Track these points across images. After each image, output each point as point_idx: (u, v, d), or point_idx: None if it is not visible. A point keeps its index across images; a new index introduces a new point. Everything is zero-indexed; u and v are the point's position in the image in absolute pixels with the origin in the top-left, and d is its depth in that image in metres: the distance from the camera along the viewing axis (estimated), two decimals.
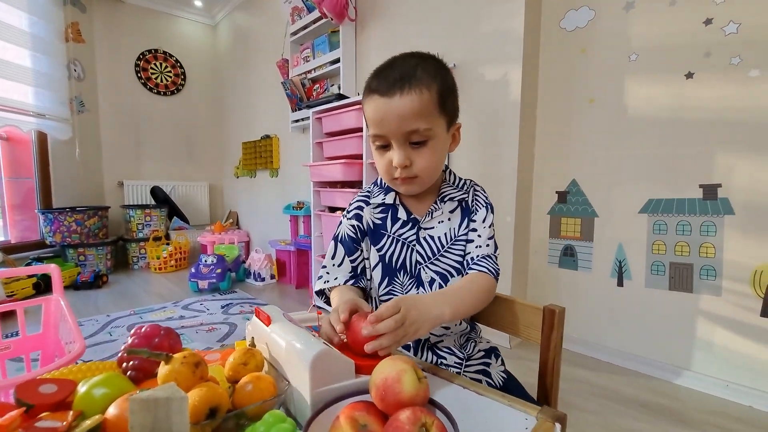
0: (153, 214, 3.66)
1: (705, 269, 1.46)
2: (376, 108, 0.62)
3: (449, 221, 0.70)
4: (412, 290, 0.69)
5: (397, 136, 0.62)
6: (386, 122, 0.61)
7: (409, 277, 0.69)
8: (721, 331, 1.44)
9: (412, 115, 0.60)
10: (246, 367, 0.48)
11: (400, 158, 0.62)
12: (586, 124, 1.74)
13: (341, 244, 0.73)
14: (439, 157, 0.65)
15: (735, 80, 1.37)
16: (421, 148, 0.63)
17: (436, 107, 0.62)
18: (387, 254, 0.70)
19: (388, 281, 0.70)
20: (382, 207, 0.72)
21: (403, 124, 0.60)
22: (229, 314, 2.31)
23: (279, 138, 3.39)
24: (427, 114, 0.61)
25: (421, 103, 0.60)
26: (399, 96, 0.59)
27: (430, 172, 0.65)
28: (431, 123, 0.61)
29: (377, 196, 0.73)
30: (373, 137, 0.66)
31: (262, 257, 3.07)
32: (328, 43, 2.62)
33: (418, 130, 0.60)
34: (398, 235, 0.70)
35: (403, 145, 0.62)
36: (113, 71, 3.87)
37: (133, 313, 2.34)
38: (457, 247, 0.69)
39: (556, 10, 1.80)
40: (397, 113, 0.60)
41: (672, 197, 1.52)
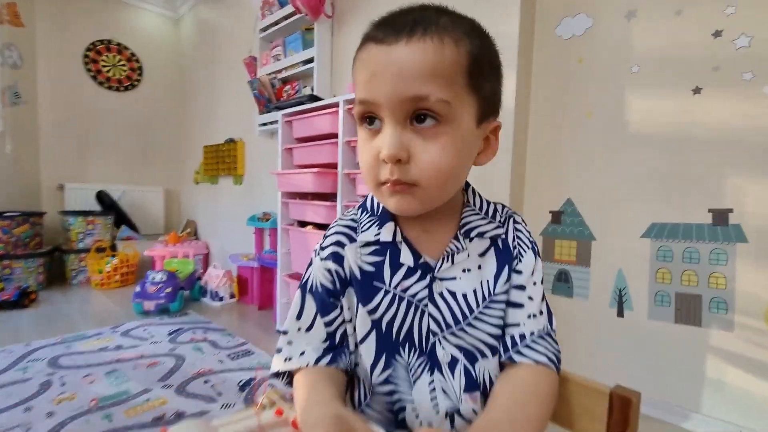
0: (97, 221, 3.26)
1: (715, 301, 1.34)
2: (368, 60, 0.41)
3: (479, 270, 0.47)
4: (424, 376, 0.46)
5: (392, 104, 0.39)
6: (379, 79, 0.39)
7: (417, 355, 0.46)
8: (733, 370, 1.31)
9: (422, 72, 0.38)
10: None
11: (391, 145, 0.39)
12: (582, 139, 1.61)
13: (312, 296, 0.49)
14: (457, 158, 0.41)
15: (747, 97, 1.26)
16: (428, 136, 0.40)
17: (463, 75, 0.39)
18: (384, 319, 0.46)
19: (386, 361, 0.46)
20: (375, 247, 0.48)
21: (405, 84, 0.38)
22: (177, 343, 1.99)
23: (244, 142, 3.10)
24: (449, 79, 0.39)
25: (441, 59, 0.38)
26: (405, 42, 0.38)
27: (437, 181, 0.41)
28: (451, 94, 0.39)
29: (367, 228, 0.49)
30: (358, 107, 0.43)
31: (221, 274, 2.75)
32: (302, 41, 2.40)
33: (427, 97, 0.38)
34: (402, 290, 0.47)
35: (400, 123, 0.40)
36: (57, 61, 3.46)
37: (60, 341, 1.98)
38: (494, 312, 0.47)
39: (551, 16, 1.67)
40: (399, 65, 0.38)
41: (678, 221, 1.40)
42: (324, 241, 0.50)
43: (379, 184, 0.43)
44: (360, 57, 0.43)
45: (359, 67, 0.43)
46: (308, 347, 0.46)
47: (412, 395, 0.46)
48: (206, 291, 2.75)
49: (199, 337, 2.07)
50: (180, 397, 1.47)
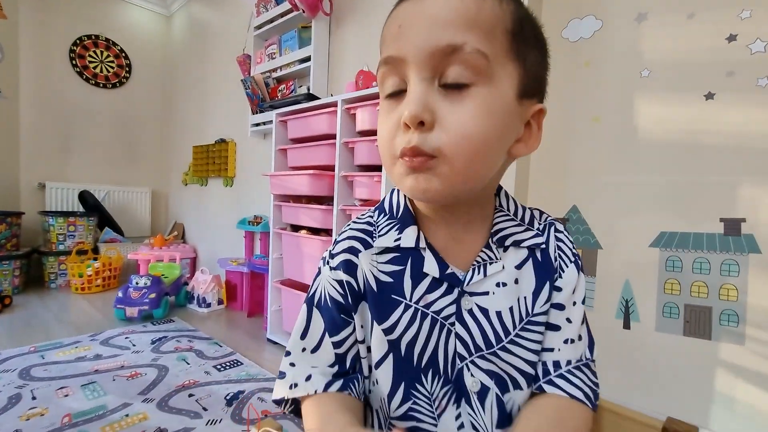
0: (79, 223, 3.12)
1: (726, 314, 1.29)
2: (398, 14, 0.36)
3: (516, 285, 0.41)
4: (450, 407, 0.39)
5: (420, 57, 0.34)
6: (407, 30, 0.34)
7: (442, 383, 0.39)
8: (744, 386, 1.26)
9: (458, 19, 0.33)
10: None
11: (414, 102, 0.33)
12: (589, 144, 1.56)
13: (319, 312, 0.42)
14: (491, 129, 0.34)
15: (762, 103, 1.23)
16: (459, 97, 0.34)
17: (504, 32, 0.34)
18: (404, 340, 0.40)
19: (405, 391, 0.39)
20: (395, 254, 0.41)
21: (438, 32, 0.33)
22: (160, 352, 1.87)
23: (236, 143, 3.01)
24: (488, 31, 0.33)
25: (481, 8, 0.33)
26: None
27: (466, 150, 0.34)
28: (491, 48, 0.33)
29: (385, 232, 0.42)
30: (381, 68, 0.37)
31: (209, 279, 2.64)
32: (298, 39, 2.32)
33: (462, 47, 0.33)
34: (425, 306, 0.40)
35: (427, 82, 0.34)
36: (42, 55, 3.34)
37: (33, 351, 1.85)
38: (532, 335, 0.41)
39: (558, 18, 1.63)
40: (432, 12, 0.33)
41: (688, 231, 1.35)
42: (334, 248, 0.43)
43: (395, 158, 0.36)
44: (390, 16, 0.37)
45: (387, 26, 0.37)
46: (314, 370, 0.39)
47: (437, 429, 0.39)
48: (193, 297, 2.64)
49: (184, 346, 1.96)
50: (162, 412, 1.37)
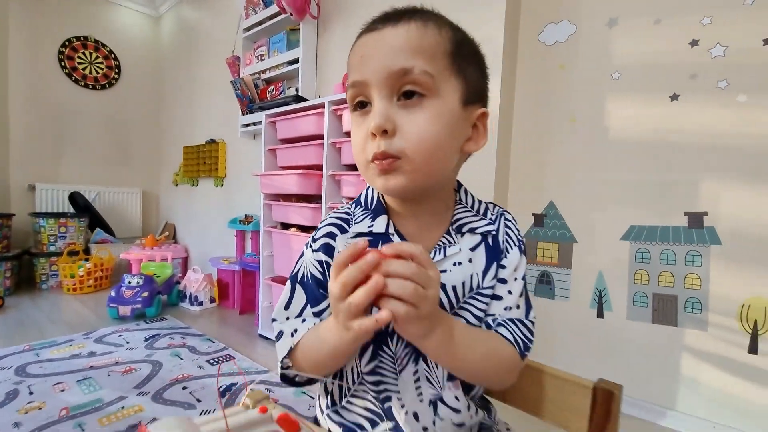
0: (70, 224, 3.13)
1: (690, 301, 1.38)
2: (360, 45, 0.44)
3: (470, 264, 0.48)
4: (409, 365, 0.46)
5: (380, 80, 0.41)
6: (366, 60, 0.42)
7: (404, 346, 0.46)
8: (707, 369, 1.35)
9: (407, 48, 0.41)
10: None
11: (378, 116, 0.41)
12: (565, 143, 1.64)
13: (301, 287, 0.49)
14: (442, 134, 0.42)
15: (722, 104, 1.31)
16: (413, 108, 0.42)
17: (446, 56, 0.42)
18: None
19: (373, 351, 0.46)
20: (368, 238, 0.48)
21: (392, 59, 0.41)
22: (154, 349, 1.92)
23: (226, 143, 3.05)
24: (432, 55, 0.42)
25: (424, 37, 0.42)
26: (392, 26, 0.42)
27: (423, 153, 0.42)
28: (435, 68, 0.41)
29: (361, 220, 0.49)
30: (350, 90, 0.45)
31: (201, 277, 2.68)
32: (287, 41, 2.37)
33: (413, 68, 0.40)
34: None
35: (387, 99, 0.42)
36: (30, 57, 3.33)
37: (28, 349, 1.88)
38: (478, 304, 0.48)
39: (535, 23, 1.71)
40: (386, 45, 0.42)
41: (656, 224, 1.44)
42: (316, 233, 0.50)
43: (368, 162, 0.43)
44: (353, 47, 0.44)
45: (352, 55, 0.44)
46: (300, 326, 0.46)
47: (398, 385, 0.46)
48: (185, 295, 2.67)
49: (178, 343, 2.00)
50: (157, 404, 1.42)
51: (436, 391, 0.46)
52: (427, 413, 0.45)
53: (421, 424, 0.44)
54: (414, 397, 0.45)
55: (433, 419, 0.45)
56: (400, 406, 0.45)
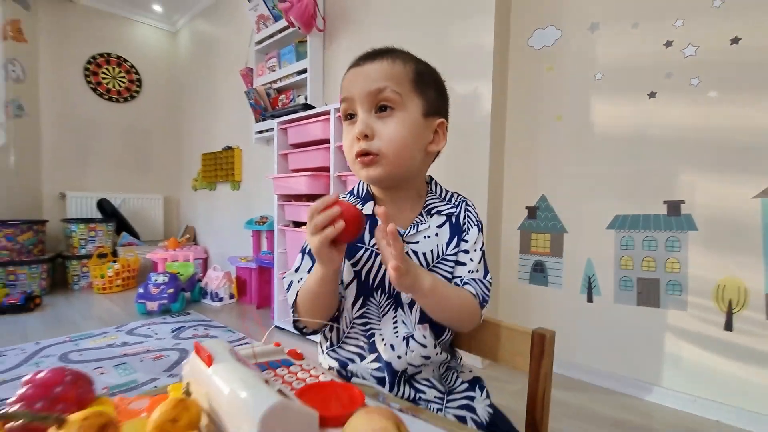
0: (98, 228, 3.36)
1: (671, 284, 1.48)
2: (348, 76, 0.60)
3: (437, 237, 0.62)
4: (390, 312, 0.60)
5: (362, 98, 0.57)
6: (353, 84, 0.59)
7: (386, 297, 0.61)
8: (687, 346, 1.45)
9: (381, 75, 0.57)
10: (176, 424, 0.37)
11: (361, 124, 0.57)
12: (554, 140, 1.76)
13: (308, 256, 0.63)
14: (407, 135, 0.57)
15: (695, 101, 1.42)
16: (386, 118, 0.57)
17: (409, 81, 0.58)
18: (363, 270, 0.61)
19: (362, 301, 0.61)
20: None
21: (370, 83, 0.57)
22: (180, 339, 2.10)
23: (241, 149, 3.23)
24: (399, 81, 0.57)
25: (393, 69, 0.58)
26: (371, 62, 0.58)
27: (393, 151, 0.57)
28: (401, 90, 0.57)
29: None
30: (342, 105, 0.61)
31: (221, 275, 2.86)
32: (295, 53, 2.54)
33: (385, 88, 0.56)
34: (377, 249, 0.61)
35: (367, 112, 0.58)
36: (59, 74, 3.59)
37: (68, 340, 2.08)
38: (444, 267, 0.62)
39: (524, 28, 1.83)
40: (365, 75, 0.58)
41: (638, 213, 1.54)
42: None
43: (354, 159, 0.59)
44: (345, 75, 0.61)
45: (344, 81, 0.61)
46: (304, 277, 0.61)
47: (380, 325, 0.61)
48: (206, 292, 2.86)
49: (201, 333, 2.18)
50: None
51: (409, 331, 0.60)
52: (401, 345, 0.59)
53: (396, 353, 0.58)
54: (392, 334, 0.60)
55: (405, 350, 0.58)
56: (381, 340, 0.60)
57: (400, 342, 0.59)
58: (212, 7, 3.56)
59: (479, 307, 0.60)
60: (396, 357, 0.58)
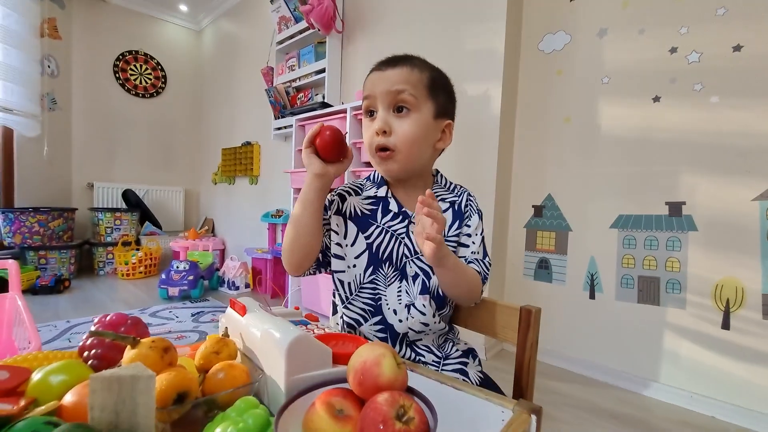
0: (123, 218, 3.53)
1: (671, 283, 1.52)
2: (371, 77, 0.68)
3: None
4: (395, 283, 0.69)
5: (382, 98, 0.66)
6: (375, 85, 0.67)
7: (393, 270, 0.69)
8: (686, 344, 1.49)
9: (401, 80, 0.65)
10: (218, 356, 0.46)
11: (380, 121, 0.65)
12: (561, 141, 1.81)
13: None
14: (420, 134, 0.66)
15: (698, 105, 1.46)
16: (403, 117, 0.65)
17: (424, 87, 0.66)
18: (375, 243, 0.70)
19: (372, 270, 0.69)
20: (373, 199, 0.73)
21: (390, 85, 0.65)
22: (200, 322, 2.22)
23: (260, 145, 3.36)
24: (415, 85, 0.65)
25: (411, 75, 0.66)
26: (392, 68, 0.66)
27: (407, 147, 0.65)
28: (417, 94, 0.65)
29: (369, 189, 0.74)
30: (363, 102, 0.69)
31: (237, 265, 2.99)
32: (315, 53, 2.64)
33: (402, 91, 0.64)
34: (388, 226, 0.70)
35: (386, 111, 0.66)
36: (90, 70, 3.77)
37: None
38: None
39: (535, 33, 1.89)
40: (387, 78, 0.66)
41: (640, 213, 1.59)
42: (338, 188, 0.75)
43: (374, 152, 0.68)
44: (368, 76, 0.70)
45: (367, 81, 0.69)
46: None
47: (386, 292, 0.69)
48: (224, 281, 3.00)
49: (219, 319, 2.30)
50: None
51: (411, 300, 0.68)
52: (402, 311, 0.68)
53: (398, 317, 0.67)
54: (395, 300, 0.68)
55: (407, 316, 0.67)
56: (386, 305, 0.69)
57: (402, 308, 0.68)
58: (236, 8, 3.70)
59: (481, 282, 0.68)
60: (398, 321, 0.67)
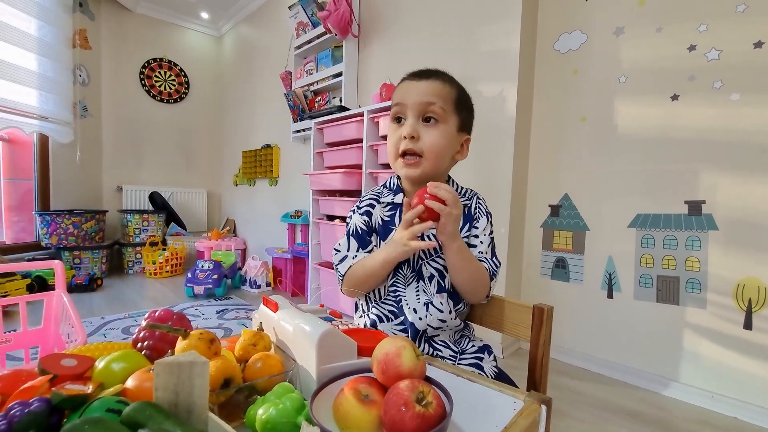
0: (151, 219, 3.68)
1: (690, 282, 1.51)
2: (403, 86, 0.73)
3: None
4: (413, 283, 0.73)
5: (413, 106, 0.71)
6: (407, 94, 0.72)
7: (411, 271, 0.74)
8: (706, 343, 1.48)
9: (431, 93, 0.70)
10: (255, 347, 0.51)
11: (409, 128, 0.70)
12: (577, 140, 1.81)
13: (354, 238, 0.77)
14: (445, 144, 0.71)
15: (717, 103, 1.45)
16: (431, 127, 0.71)
17: (452, 102, 0.72)
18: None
19: (393, 273, 0.74)
20: (391, 206, 0.77)
21: (422, 96, 0.70)
22: (225, 319, 2.31)
23: (280, 147, 3.45)
24: (445, 99, 0.71)
25: (442, 89, 0.71)
26: (426, 81, 0.72)
27: (433, 155, 0.70)
28: (446, 107, 0.71)
29: (387, 196, 0.79)
30: (392, 108, 0.74)
31: (259, 264, 3.08)
32: (332, 57, 2.70)
33: (433, 103, 0.70)
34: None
35: (415, 118, 0.71)
36: (118, 78, 3.93)
37: (127, 316, 2.34)
38: None
39: (551, 33, 1.89)
40: (419, 89, 0.71)
41: (659, 212, 1.58)
42: (360, 203, 0.80)
43: (398, 156, 0.73)
44: (399, 85, 0.75)
45: (398, 89, 0.74)
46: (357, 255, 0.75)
47: (406, 293, 0.74)
48: (246, 279, 3.09)
49: (242, 316, 2.39)
50: None
51: (429, 298, 0.73)
52: (422, 309, 0.72)
53: (418, 315, 0.71)
54: (415, 300, 0.73)
55: (426, 314, 0.71)
56: (406, 305, 0.73)
57: (422, 306, 0.72)
58: (255, 14, 3.80)
59: (489, 279, 0.72)
60: (418, 318, 0.71)
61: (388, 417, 0.37)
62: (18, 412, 0.36)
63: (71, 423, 0.32)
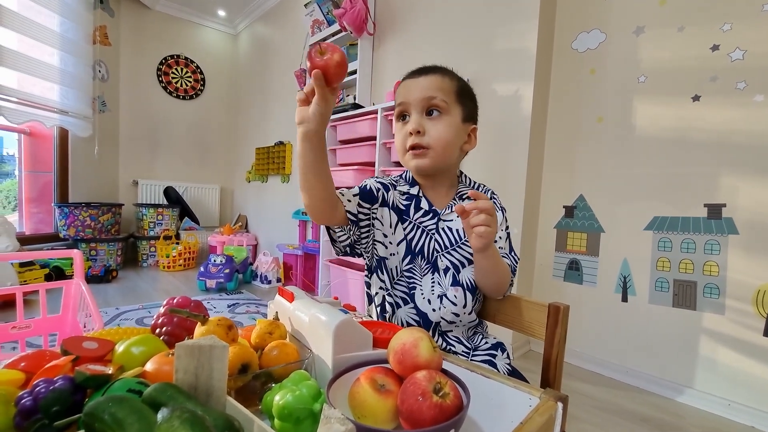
0: (165, 213, 3.73)
1: (708, 287, 1.48)
2: (404, 85, 0.74)
3: None
4: (428, 275, 0.74)
5: (416, 103, 0.71)
6: (409, 92, 0.72)
7: (426, 263, 0.74)
8: (723, 350, 1.45)
9: (432, 87, 0.71)
10: (271, 336, 0.52)
11: (414, 123, 0.71)
12: (594, 141, 1.79)
13: (359, 189, 0.74)
14: (451, 135, 0.71)
15: (740, 104, 1.41)
16: (435, 120, 0.71)
17: (454, 93, 0.72)
18: (408, 237, 0.75)
19: (410, 259, 0.74)
20: (407, 195, 0.78)
21: (423, 91, 0.71)
22: (236, 313, 2.34)
23: (293, 144, 3.47)
24: (446, 92, 0.71)
25: (442, 82, 0.72)
26: (425, 76, 0.72)
27: (441, 146, 0.70)
28: (448, 99, 0.71)
29: (403, 186, 0.79)
30: (396, 108, 0.74)
31: (270, 260, 3.11)
32: (347, 54, 2.70)
33: (435, 97, 0.70)
34: (419, 222, 0.75)
35: (419, 114, 0.71)
36: (136, 74, 4.00)
37: (141, 308, 2.38)
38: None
39: (569, 32, 1.87)
40: (420, 85, 0.72)
41: (677, 215, 1.55)
42: (382, 178, 0.79)
43: (405, 151, 0.73)
44: (402, 83, 0.75)
45: (400, 88, 0.75)
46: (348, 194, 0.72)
47: (422, 282, 0.74)
48: (257, 275, 3.12)
49: (253, 310, 2.41)
50: None
51: (443, 291, 0.73)
52: (435, 300, 0.72)
53: (431, 306, 0.71)
54: (429, 291, 0.73)
55: (439, 306, 0.71)
56: (420, 294, 0.73)
57: (435, 298, 0.72)
58: (271, 12, 3.83)
59: (511, 274, 0.72)
60: (431, 310, 0.71)
61: (405, 406, 0.37)
62: (43, 389, 0.37)
63: (95, 400, 0.33)
